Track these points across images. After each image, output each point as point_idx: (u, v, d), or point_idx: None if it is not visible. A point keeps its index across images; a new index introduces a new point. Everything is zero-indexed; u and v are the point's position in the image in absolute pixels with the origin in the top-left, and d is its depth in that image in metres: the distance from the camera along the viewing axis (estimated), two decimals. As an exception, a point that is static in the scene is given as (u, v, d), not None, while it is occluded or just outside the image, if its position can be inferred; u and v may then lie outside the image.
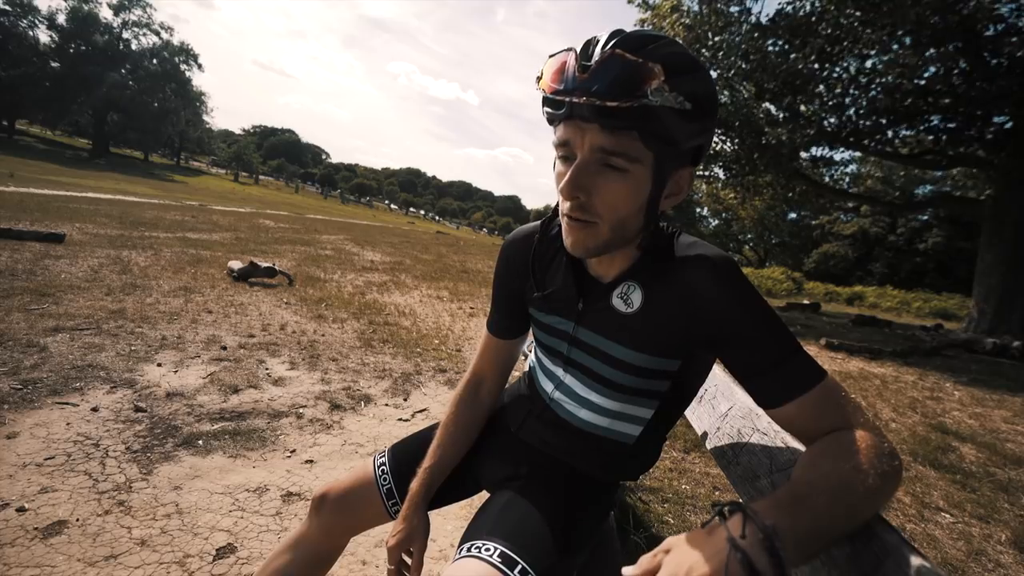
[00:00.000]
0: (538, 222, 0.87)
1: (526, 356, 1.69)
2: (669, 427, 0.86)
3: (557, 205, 0.78)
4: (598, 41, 0.60)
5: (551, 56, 0.64)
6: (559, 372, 0.84)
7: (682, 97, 0.58)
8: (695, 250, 0.70)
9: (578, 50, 0.61)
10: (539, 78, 0.65)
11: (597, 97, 0.57)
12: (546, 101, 0.64)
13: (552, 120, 0.66)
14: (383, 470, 0.94)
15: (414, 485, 0.89)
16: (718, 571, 0.43)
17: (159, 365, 2.73)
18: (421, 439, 0.99)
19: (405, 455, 0.96)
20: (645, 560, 0.50)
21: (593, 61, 0.58)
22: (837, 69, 9.03)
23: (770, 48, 8.83)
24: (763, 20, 9.11)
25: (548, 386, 0.87)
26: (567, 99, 0.59)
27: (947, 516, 2.21)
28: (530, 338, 0.96)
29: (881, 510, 0.55)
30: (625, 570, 0.50)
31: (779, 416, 0.65)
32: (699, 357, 0.77)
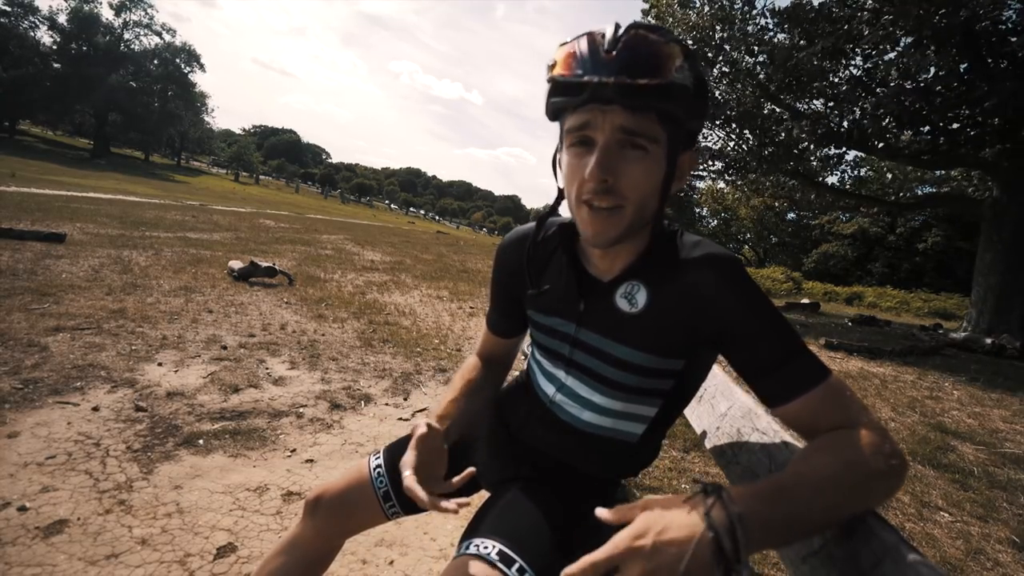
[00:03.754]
0: (533, 224, 0.86)
1: (525, 356, 1.69)
2: (671, 423, 0.86)
3: (555, 203, 0.77)
4: (615, 27, 0.61)
5: (562, 44, 0.65)
6: (560, 374, 0.83)
7: (693, 78, 0.61)
8: (700, 249, 0.70)
9: (597, 34, 0.62)
10: (551, 67, 0.65)
11: (628, 75, 0.58)
12: (561, 89, 0.64)
13: (564, 109, 0.66)
14: (379, 472, 0.93)
15: (438, 412, 0.86)
16: (688, 540, 0.47)
17: (160, 365, 2.73)
18: None
19: (401, 455, 0.96)
20: (623, 508, 0.53)
21: (619, 42, 0.59)
22: (844, 63, 9.01)
23: (777, 42, 8.83)
24: (769, 15, 9.12)
25: (549, 389, 0.86)
26: (592, 80, 0.59)
27: (946, 515, 2.21)
28: (527, 340, 0.96)
29: (877, 507, 0.56)
30: (599, 511, 0.53)
31: (783, 414, 0.65)
32: (703, 355, 0.77)
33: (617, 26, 0.61)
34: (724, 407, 0.98)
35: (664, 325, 0.71)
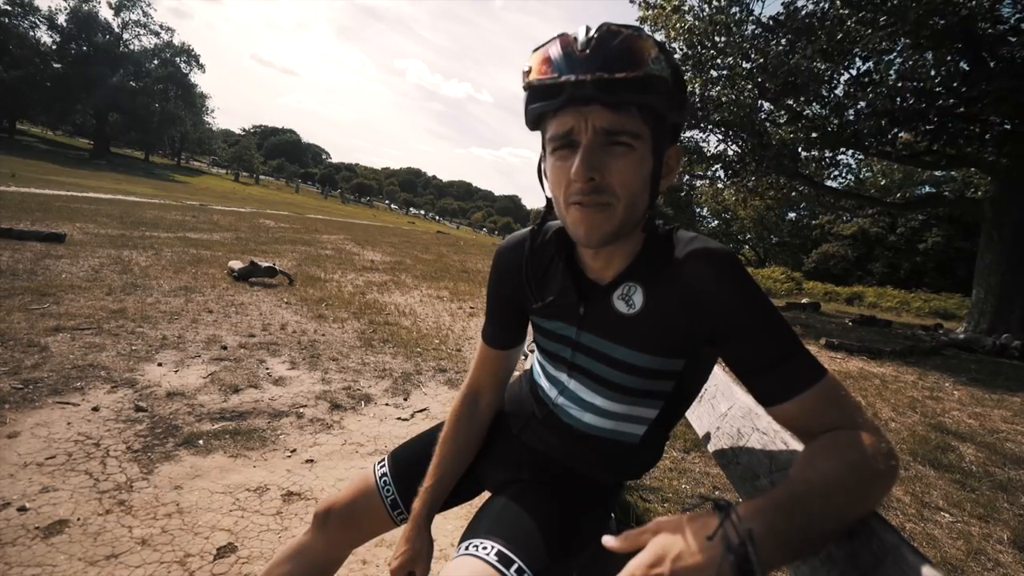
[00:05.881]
0: (528, 229, 0.85)
1: (526, 356, 1.68)
2: (673, 425, 0.85)
3: (547, 210, 0.77)
4: (587, 27, 0.61)
5: (536, 49, 0.64)
6: (563, 377, 0.83)
7: (670, 69, 0.61)
8: (695, 245, 0.69)
9: (569, 36, 0.61)
10: (527, 72, 0.64)
11: (605, 70, 0.57)
12: (538, 93, 0.63)
13: (543, 115, 0.66)
14: (385, 480, 0.93)
15: (416, 505, 0.88)
16: (707, 565, 0.44)
17: (160, 365, 2.73)
18: (421, 443, 0.98)
19: (406, 461, 0.95)
20: (632, 535, 0.50)
21: (592, 39, 0.59)
22: (841, 68, 9.01)
23: (772, 48, 8.82)
24: (766, 19, 9.12)
25: (552, 392, 0.86)
26: (570, 79, 0.59)
27: (946, 515, 2.21)
28: (530, 339, 0.95)
29: (874, 508, 0.56)
30: (606, 540, 0.51)
31: (779, 414, 0.65)
32: (703, 355, 0.76)
33: (588, 27, 0.61)
34: (724, 407, 0.98)
35: (662, 324, 0.70)
